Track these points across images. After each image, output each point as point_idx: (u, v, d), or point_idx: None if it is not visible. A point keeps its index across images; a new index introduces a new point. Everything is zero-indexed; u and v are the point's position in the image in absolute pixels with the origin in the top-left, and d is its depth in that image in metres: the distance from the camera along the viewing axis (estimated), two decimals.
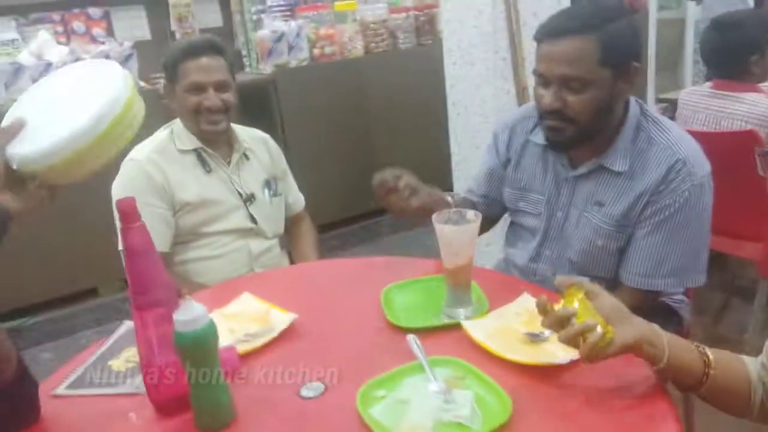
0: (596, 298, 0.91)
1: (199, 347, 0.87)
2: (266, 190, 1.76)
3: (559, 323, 0.89)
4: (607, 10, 1.26)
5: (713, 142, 1.89)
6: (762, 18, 2.14)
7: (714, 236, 1.92)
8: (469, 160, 2.61)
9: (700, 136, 1.92)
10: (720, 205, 1.30)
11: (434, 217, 1.15)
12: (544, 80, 1.26)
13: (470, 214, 1.15)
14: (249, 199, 1.71)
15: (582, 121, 1.24)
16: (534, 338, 1.05)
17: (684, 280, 1.30)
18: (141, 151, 1.63)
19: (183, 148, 1.66)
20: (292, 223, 1.87)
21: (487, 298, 1.20)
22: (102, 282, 3.05)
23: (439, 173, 3.22)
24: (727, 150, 1.87)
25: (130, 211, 0.91)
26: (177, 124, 1.70)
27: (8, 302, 2.91)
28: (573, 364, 0.97)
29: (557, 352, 1.00)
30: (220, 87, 1.63)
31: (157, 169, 1.61)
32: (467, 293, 1.17)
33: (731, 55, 2.02)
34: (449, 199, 1.37)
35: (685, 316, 1.45)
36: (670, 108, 2.45)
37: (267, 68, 3.31)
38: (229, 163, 1.71)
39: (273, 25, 3.38)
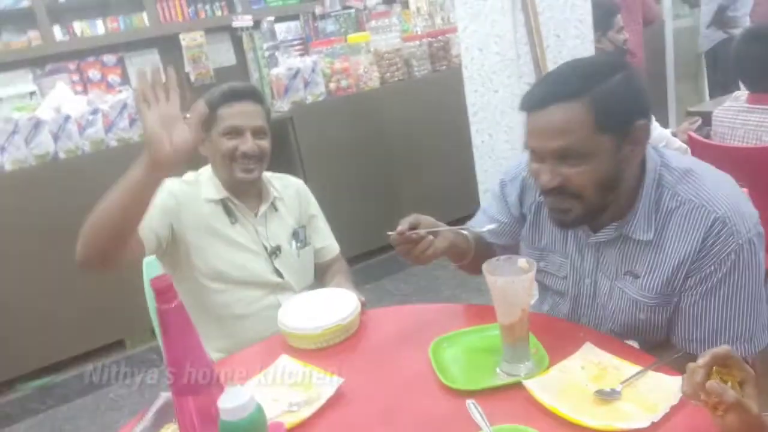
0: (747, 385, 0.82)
1: None
2: (293, 242, 1.68)
3: (707, 395, 0.79)
4: (596, 66, 1.11)
5: (755, 158, 1.80)
6: None
7: None
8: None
9: (739, 152, 1.85)
10: (764, 223, 1.17)
11: (484, 267, 1.07)
12: (537, 156, 1.10)
13: (522, 261, 1.08)
14: (274, 252, 1.63)
15: (588, 196, 1.07)
16: (606, 397, 0.96)
17: (751, 347, 1.10)
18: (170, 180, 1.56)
19: (209, 198, 1.60)
20: (324, 270, 1.79)
21: (545, 350, 1.11)
22: (129, 333, 3.00)
23: (465, 201, 3.16)
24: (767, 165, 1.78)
25: (165, 289, 0.84)
26: (204, 172, 1.65)
27: (34, 361, 2.87)
28: (654, 427, 0.88)
29: (633, 412, 0.92)
30: (258, 133, 1.58)
31: (177, 192, 1.55)
32: (525, 347, 1.09)
33: None
34: (465, 233, 1.30)
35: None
36: (703, 124, 2.36)
37: (284, 105, 3.28)
38: (256, 214, 1.64)
39: (287, 62, 3.36)
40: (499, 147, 2.46)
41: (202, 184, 1.62)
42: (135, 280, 1.63)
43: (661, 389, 0.96)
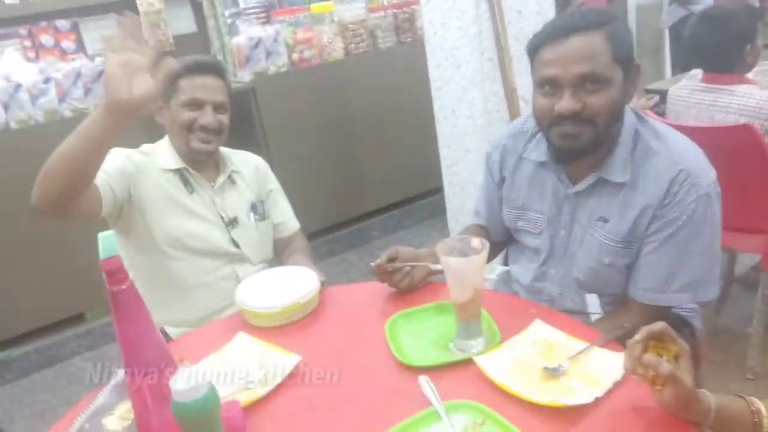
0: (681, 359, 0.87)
1: (200, 417, 0.81)
2: (252, 214, 1.69)
3: (644, 369, 0.85)
4: (601, 11, 1.21)
5: (709, 137, 1.86)
6: (749, 7, 2.12)
7: None
8: (460, 164, 2.56)
9: (695, 131, 1.90)
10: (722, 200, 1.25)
11: (438, 247, 1.09)
12: (555, 85, 1.17)
13: (476, 242, 1.10)
14: (231, 223, 1.65)
15: (601, 123, 1.17)
16: (553, 373, 1.00)
17: (696, 295, 1.23)
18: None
19: (166, 167, 1.59)
20: (283, 246, 1.79)
21: (498, 327, 1.14)
22: (89, 306, 2.96)
23: (429, 176, 3.18)
24: (724, 144, 1.83)
25: (115, 271, 0.84)
26: (162, 143, 1.64)
27: None
28: (597, 402, 0.92)
29: (578, 388, 0.96)
30: (219, 108, 1.59)
31: (135, 159, 1.56)
32: (478, 324, 1.11)
33: (727, 47, 1.98)
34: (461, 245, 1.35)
35: (698, 325, 1.41)
36: (660, 101, 2.41)
37: (246, 76, 3.22)
38: (213, 186, 1.64)
39: (249, 31, 3.28)
40: (462, 123, 2.47)
41: (158, 155, 1.61)
42: (94, 252, 1.61)
43: (606, 365, 1.00)
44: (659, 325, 0.87)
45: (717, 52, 2.01)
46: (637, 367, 0.87)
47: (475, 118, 2.40)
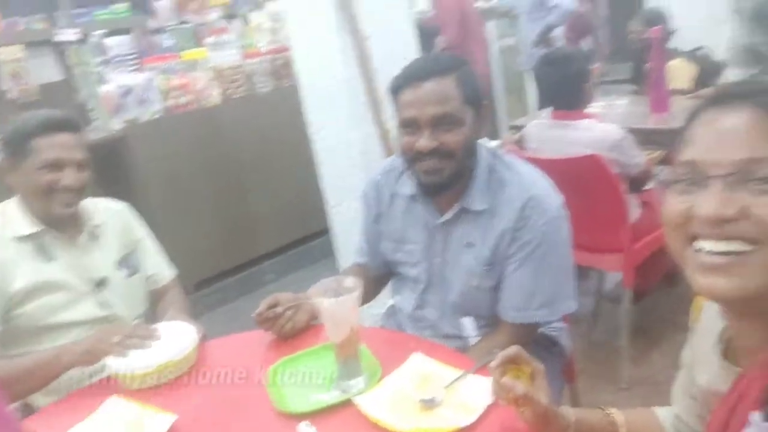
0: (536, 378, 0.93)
1: None
2: (121, 270, 1.59)
3: (505, 392, 0.90)
4: (451, 57, 1.33)
5: (563, 168, 2.03)
6: (580, 50, 2.38)
7: (578, 252, 2.05)
8: (343, 204, 2.59)
9: (550, 163, 2.07)
10: (580, 223, 1.38)
11: (312, 290, 1.10)
12: (414, 125, 1.26)
13: (349, 281, 1.12)
14: (100, 284, 1.53)
15: (459, 157, 1.27)
16: (429, 404, 1.03)
17: (556, 310, 1.35)
18: None
19: (19, 235, 1.46)
20: (158, 298, 1.69)
21: (378, 362, 1.16)
22: None
23: (318, 216, 3.18)
24: (577, 173, 2.01)
25: None
26: (9, 207, 1.50)
27: None
28: (470, 427, 0.96)
29: (452, 417, 0.99)
30: (81, 165, 1.48)
31: None
32: (357, 363, 1.13)
33: (570, 86, 2.19)
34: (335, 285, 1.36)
35: (566, 344, 1.52)
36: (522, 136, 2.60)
37: (116, 125, 3.09)
38: (75, 246, 1.52)
39: (119, 78, 3.17)
40: (342, 163, 2.52)
41: (7, 223, 1.47)
42: None
43: (479, 391, 1.04)
44: (513, 349, 0.93)
45: (561, 90, 2.22)
46: (500, 391, 0.92)
47: (353, 158, 2.46)
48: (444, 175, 1.28)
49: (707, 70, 3.05)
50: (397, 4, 2.44)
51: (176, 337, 1.31)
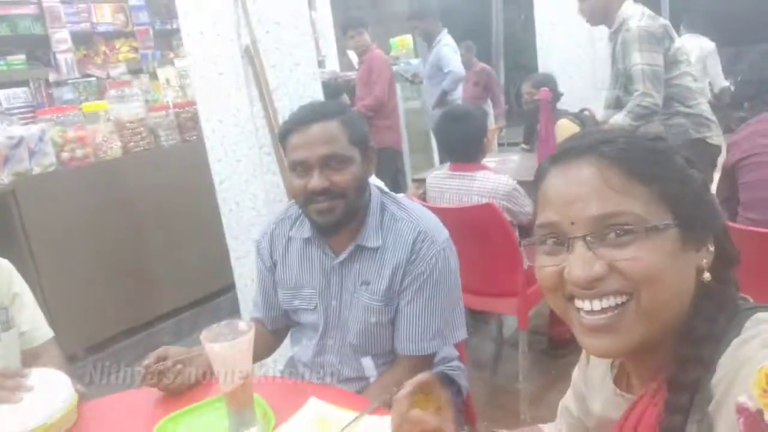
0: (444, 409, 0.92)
1: None
2: None
3: (411, 426, 0.88)
4: (337, 103, 1.40)
5: (460, 216, 2.12)
6: (478, 107, 2.56)
7: (475, 297, 2.12)
8: (249, 255, 2.56)
9: (449, 212, 2.15)
10: (474, 269, 1.45)
11: (203, 335, 1.07)
12: (304, 167, 1.31)
13: (242, 324, 1.10)
14: None
15: (351, 195, 1.31)
16: None
17: (447, 338, 1.39)
18: None
19: None
20: (33, 358, 1.54)
21: (272, 411, 1.13)
22: None
23: (222, 272, 3.09)
24: (473, 221, 2.11)
25: None
26: None
27: None
28: None
29: None
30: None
31: None
32: (251, 412, 1.09)
33: (469, 140, 2.34)
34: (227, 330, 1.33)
35: (464, 383, 1.54)
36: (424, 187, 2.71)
37: (4, 178, 2.92)
38: None
39: (8, 129, 3.01)
40: (246, 214, 2.50)
41: None
42: None
43: (377, 430, 1.04)
44: (425, 375, 0.92)
45: (461, 144, 2.35)
46: (404, 425, 0.88)
47: (258, 209, 2.45)
48: (337, 214, 1.32)
49: (590, 128, 3.32)
50: (303, 60, 2.51)
51: (51, 391, 1.21)
